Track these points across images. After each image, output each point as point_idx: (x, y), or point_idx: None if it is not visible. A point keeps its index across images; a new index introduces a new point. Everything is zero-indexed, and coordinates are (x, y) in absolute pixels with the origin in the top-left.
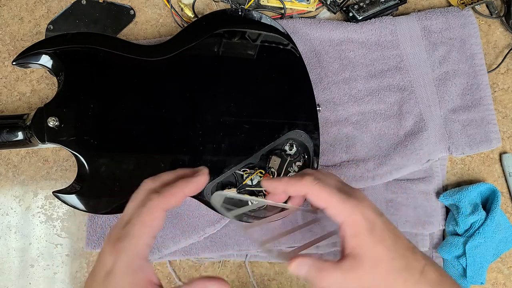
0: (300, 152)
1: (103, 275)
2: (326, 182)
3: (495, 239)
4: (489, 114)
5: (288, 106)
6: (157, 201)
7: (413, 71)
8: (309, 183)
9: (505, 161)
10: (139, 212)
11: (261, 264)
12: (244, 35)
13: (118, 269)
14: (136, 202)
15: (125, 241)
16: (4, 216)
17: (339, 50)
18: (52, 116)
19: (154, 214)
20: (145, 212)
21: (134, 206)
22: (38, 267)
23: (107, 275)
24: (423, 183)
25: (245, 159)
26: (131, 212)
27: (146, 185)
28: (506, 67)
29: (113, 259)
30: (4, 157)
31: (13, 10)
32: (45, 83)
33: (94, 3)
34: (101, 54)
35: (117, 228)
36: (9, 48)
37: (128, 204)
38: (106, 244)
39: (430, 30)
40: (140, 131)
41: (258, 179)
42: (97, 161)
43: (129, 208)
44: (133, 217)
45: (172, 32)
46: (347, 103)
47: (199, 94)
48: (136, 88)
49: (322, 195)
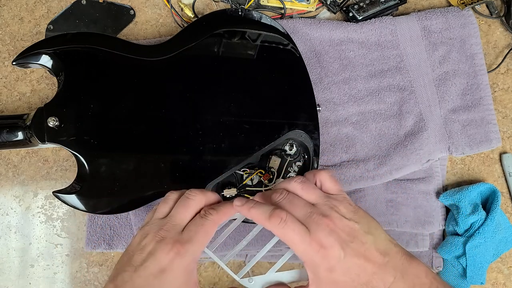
0: (300, 152)
1: (155, 271)
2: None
3: (495, 239)
4: (489, 114)
5: (288, 106)
6: (216, 217)
7: (413, 71)
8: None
9: (505, 161)
10: (202, 222)
11: (261, 264)
12: (244, 35)
13: (176, 269)
14: (191, 211)
15: (187, 246)
16: (4, 216)
17: (339, 50)
18: (52, 116)
19: (214, 228)
20: (207, 224)
21: (189, 215)
22: (38, 267)
23: (161, 271)
24: (423, 183)
25: (245, 159)
26: (186, 220)
27: (197, 198)
28: (506, 67)
29: (171, 258)
30: (4, 157)
31: (13, 10)
32: (45, 83)
33: (94, 3)
34: (101, 54)
35: (172, 231)
36: (9, 48)
37: (179, 210)
38: (160, 243)
39: (430, 30)
40: (140, 131)
41: (258, 179)
42: (97, 161)
43: (183, 215)
44: (193, 226)
45: (172, 32)
46: (347, 103)
47: (199, 94)
48: (136, 88)
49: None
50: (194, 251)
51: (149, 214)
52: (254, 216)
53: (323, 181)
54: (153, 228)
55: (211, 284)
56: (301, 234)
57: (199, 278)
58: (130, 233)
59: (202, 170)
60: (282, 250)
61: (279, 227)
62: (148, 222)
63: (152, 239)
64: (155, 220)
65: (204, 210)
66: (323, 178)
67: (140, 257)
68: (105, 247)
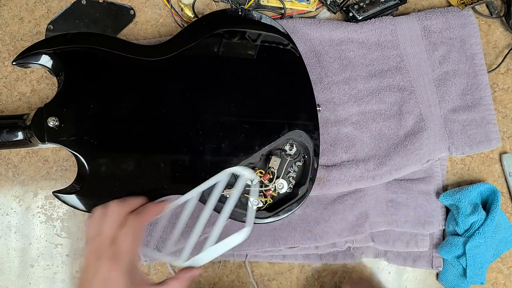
0: (300, 152)
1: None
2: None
3: (495, 239)
4: (489, 114)
5: (288, 106)
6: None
7: (413, 71)
8: None
9: (505, 161)
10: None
11: (261, 264)
12: (244, 35)
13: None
14: (113, 224)
15: (119, 256)
16: (4, 216)
17: (339, 50)
18: (52, 116)
19: (138, 231)
20: (130, 231)
21: (114, 227)
22: (38, 267)
23: (108, 283)
24: (423, 183)
25: (245, 159)
26: (113, 232)
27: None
28: (506, 67)
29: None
30: (4, 157)
31: (13, 10)
32: (45, 83)
33: (94, 3)
34: (101, 54)
35: (104, 248)
36: (9, 48)
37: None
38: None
39: (430, 30)
40: (140, 131)
41: (258, 179)
42: (97, 161)
43: (109, 230)
44: (120, 236)
45: (172, 32)
46: (347, 103)
47: (199, 94)
48: (136, 88)
49: None
50: (127, 257)
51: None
52: None
53: None
54: (90, 248)
55: (211, 284)
56: None
57: (199, 278)
58: None
59: (202, 170)
60: (282, 250)
61: None
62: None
63: (92, 259)
64: (89, 240)
65: (125, 218)
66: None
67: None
68: None
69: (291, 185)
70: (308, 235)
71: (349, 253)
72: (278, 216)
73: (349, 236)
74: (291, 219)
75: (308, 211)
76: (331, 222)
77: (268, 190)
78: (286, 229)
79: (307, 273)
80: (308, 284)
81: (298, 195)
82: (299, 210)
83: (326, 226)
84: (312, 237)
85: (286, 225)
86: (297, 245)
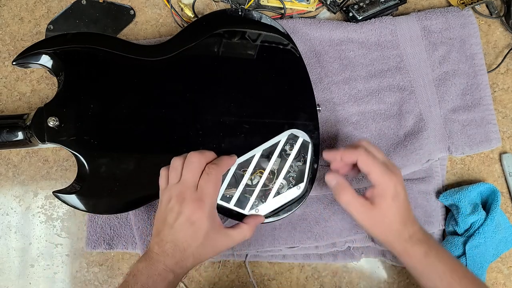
0: (300, 152)
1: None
2: (374, 154)
3: (495, 239)
4: (489, 114)
5: (288, 106)
6: (218, 170)
7: (413, 71)
8: (361, 153)
9: (505, 161)
10: (208, 178)
11: (261, 264)
12: (244, 35)
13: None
14: (197, 172)
15: (204, 199)
16: (4, 216)
17: (339, 50)
18: (52, 116)
19: (219, 178)
20: (213, 178)
21: (197, 175)
22: (38, 267)
23: (191, 223)
24: (423, 183)
25: (245, 158)
26: (197, 179)
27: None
28: (506, 67)
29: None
30: (4, 157)
31: (13, 10)
32: (45, 83)
33: (94, 3)
34: (101, 54)
35: (188, 192)
36: (9, 48)
37: (188, 174)
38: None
39: (430, 30)
40: (140, 131)
41: (258, 179)
42: (97, 161)
43: (193, 177)
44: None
45: (172, 32)
46: (347, 103)
47: (199, 94)
48: (136, 88)
49: (368, 164)
50: (210, 202)
51: (162, 179)
52: (341, 150)
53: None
54: (173, 192)
55: (211, 284)
56: (379, 164)
57: (199, 278)
58: (130, 233)
59: None
60: (282, 250)
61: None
62: (166, 188)
63: (176, 201)
64: (172, 186)
65: (207, 167)
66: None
67: (172, 217)
68: (105, 247)
69: (291, 185)
70: (308, 235)
71: (349, 253)
72: (278, 216)
73: (349, 236)
74: (291, 219)
75: (308, 211)
76: (331, 222)
77: (267, 189)
78: (286, 229)
79: (307, 273)
80: (308, 284)
81: (298, 195)
82: (299, 210)
83: (326, 226)
84: (312, 237)
85: (286, 225)
86: (297, 245)
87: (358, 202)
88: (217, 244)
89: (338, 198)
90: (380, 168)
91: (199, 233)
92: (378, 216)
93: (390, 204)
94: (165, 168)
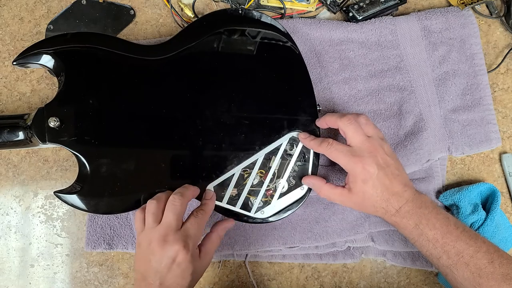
0: (302, 152)
1: (170, 263)
2: (362, 127)
3: (495, 239)
4: (489, 114)
5: (289, 106)
6: (206, 214)
7: (413, 71)
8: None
9: (505, 161)
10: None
11: (261, 264)
12: (244, 35)
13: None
14: (180, 214)
15: (189, 241)
16: (4, 216)
17: (339, 50)
18: (52, 116)
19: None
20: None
21: (180, 217)
22: (38, 267)
23: (173, 262)
24: (423, 183)
25: (246, 158)
26: (180, 221)
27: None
28: (506, 67)
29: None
30: (4, 157)
31: (13, 10)
32: (45, 83)
33: (94, 3)
34: (102, 54)
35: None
36: (9, 48)
37: (171, 216)
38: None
39: (430, 30)
40: (141, 131)
41: (259, 179)
42: (98, 161)
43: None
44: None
45: (172, 32)
46: (347, 103)
47: (199, 94)
48: (136, 88)
49: (335, 153)
50: (194, 242)
51: (138, 222)
52: (311, 144)
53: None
54: (154, 235)
55: (211, 284)
56: (344, 152)
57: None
58: (130, 233)
59: (203, 170)
60: (282, 250)
61: (327, 149)
62: (143, 231)
63: (158, 244)
64: (151, 229)
65: (195, 211)
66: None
67: (156, 259)
68: (105, 247)
69: (291, 185)
70: (308, 235)
71: (349, 253)
72: (278, 216)
73: (349, 236)
74: (291, 219)
75: (308, 211)
76: (331, 222)
77: (268, 190)
78: (286, 229)
79: (307, 273)
80: (308, 284)
81: (302, 195)
82: (299, 210)
83: (326, 226)
84: (312, 237)
85: (286, 225)
86: (297, 245)
87: (336, 193)
88: (201, 271)
89: (320, 196)
90: (345, 154)
91: (186, 272)
92: (358, 199)
93: (363, 187)
94: (140, 211)
